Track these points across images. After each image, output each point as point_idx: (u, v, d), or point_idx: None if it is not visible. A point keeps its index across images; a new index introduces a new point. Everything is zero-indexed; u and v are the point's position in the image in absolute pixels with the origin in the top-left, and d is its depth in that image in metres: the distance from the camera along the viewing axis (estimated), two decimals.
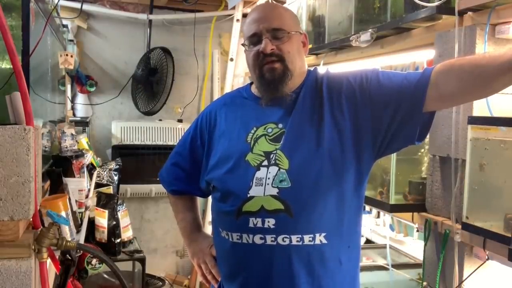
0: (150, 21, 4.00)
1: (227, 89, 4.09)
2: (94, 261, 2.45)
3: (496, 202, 1.48)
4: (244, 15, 4.02)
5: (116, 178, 3.15)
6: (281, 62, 1.31)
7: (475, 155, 1.53)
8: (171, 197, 1.63)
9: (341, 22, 2.42)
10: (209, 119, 1.46)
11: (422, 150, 1.94)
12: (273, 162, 1.28)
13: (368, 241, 2.99)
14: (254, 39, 1.34)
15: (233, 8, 3.96)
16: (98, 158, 3.50)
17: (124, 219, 2.85)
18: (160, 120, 4.10)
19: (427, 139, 1.74)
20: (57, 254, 1.30)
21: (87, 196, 2.24)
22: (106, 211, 2.71)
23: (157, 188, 3.86)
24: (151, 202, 4.16)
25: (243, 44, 1.40)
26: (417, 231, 2.50)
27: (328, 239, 1.26)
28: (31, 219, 1.02)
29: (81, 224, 1.93)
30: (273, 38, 1.32)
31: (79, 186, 2.14)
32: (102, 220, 2.71)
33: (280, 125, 1.33)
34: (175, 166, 1.55)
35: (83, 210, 2.10)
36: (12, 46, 0.92)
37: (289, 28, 1.33)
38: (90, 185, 2.49)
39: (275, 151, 1.29)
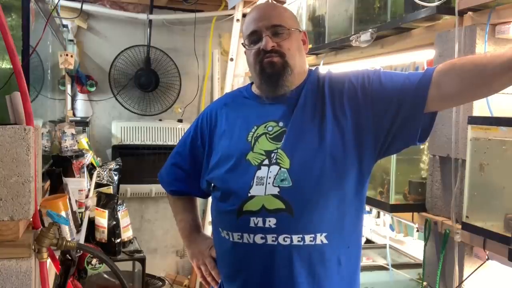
0: (150, 21, 4.01)
1: (227, 89, 4.09)
2: (94, 261, 2.45)
3: (496, 202, 1.48)
4: (244, 15, 4.02)
5: (116, 178, 3.15)
6: (281, 57, 1.31)
7: (475, 155, 1.53)
8: (170, 198, 1.63)
9: (341, 22, 2.42)
10: (210, 119, 1.46)
11: (423, 149, 1.94)
12: (274, 161, 1.28)
13: (368, 241, 2.99)
14: (254, 37, 1.34)
15: (233, 8, 3.96)
16: (98, 158, 3.50)
17: (124, 219, 2.85)
18: (160, 120, 4.11)
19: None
20: (57, 254, 1.30)
21: (87, 196, 2.24)
22: (106, 211, 2.71)
23: (157, 188, 3.86)
24: (151, 202, 4.16)
25: (243, 44, 1.40)
26: (417, 231, 2.50)
27: (328, 239, 1.26)
28: (31, 219, 1.02)
29: (81, 224, 1.93)
30: (273, 35, 1.32)
31: (79, 186, 2.14)
32: (102, 220, 2.71)
33: (281, 124, 1.33)
34: (175, 166, 1.55)
35: (83, 210, 2.09)
36: (12, 46, 0.92)
37: (289, 25, 1.34)
38: (90, 185, 2.49)
39: (276, 150, 1.29)
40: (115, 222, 2.74)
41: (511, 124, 1.41)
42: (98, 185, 2.95)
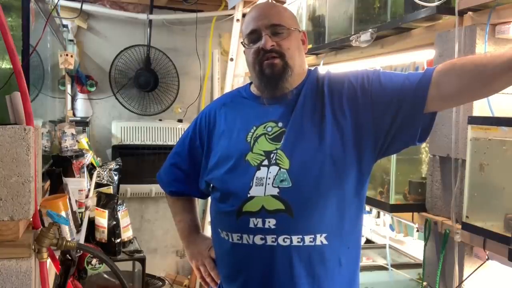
0: (150, 21, 4.01)
1: (227, 89, 4.09)
2: (94, 261, 2.45)
3: (496, 202, 1.48)
4: (244, 15, 4.02)
5: (116, 178, 3.15)
6: (281, 58, 1.31)
7: (475, 155, 1.53)
8: (169, 199, 1.62)
9: (341, 22, 2.42)
10: (208, 119, 1.46)
11: (424, 149, 1.94)
12: (274, 161, 1.28)
13: (368, 241, 2.99)
14: (253, 36, 1.34)
15: (233, 8, 3.96)
16: (98, 158, 3.50)
17: (124, 219, 2.85)
18: (160, 120, 4.11)
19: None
20: (57, 254, 1.30)
21: (87, 196, 2.24)
22: (106, 211, 2.71)
23: (157, 188, 3.86)
24: (151, 202, 4.17)
25: (242, 43, 1.40)
26: (417, 231, 2.51)
27: (328, 240, 1.26)
28: (31, 219, 1.02)
29: (81, 224, 1.93)
30: (273, 34, 1.31)
31: (79, 186, 2.14)
32: (102, 220, 2.71)
33: (280, 124, 1.32)
34: (174, 167, 1.55)
35: (83, 210, 2.09)
36: (12, 46, 0.92)
37: (288, 25, 1.34)
38: (90, 185, 2.48)
39: (275, 151, 1.29)
40: (115, 222, 2.74)
41: (511, 124, 1.41)
42: (98, 185, 2.95)
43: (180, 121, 4.11)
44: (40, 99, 2.07)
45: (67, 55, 2.82)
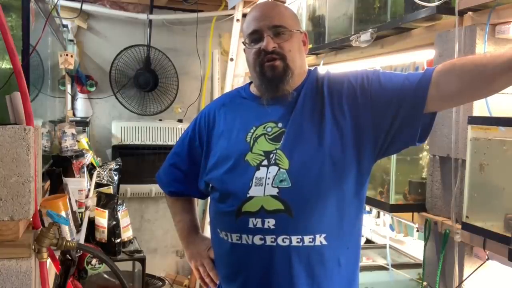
0: (150, 21, 4.01)
1: (227, 89, 4.09)
2: (94, 261, 2.45)
3: (496, 202, 1.48)
4: (244, 15, 4.02)
5: (116, 178, 3.15)
6: (282, 60, 1.31)
7: (475, 155, 1.53)
8: (168, 199, 1.63)
9: (341, 22, 2.42)
10: (208, 119, 1.46)
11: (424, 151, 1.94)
12: (273, 162, 1.28)
13: (368, 241, 2.99)
14: (254, 36, 1.33)
15: (233, 8, 3.96)
16: (98, 158, 3.50)
17: (124, 219, 2.85)
18: (160, 120, 4.11)
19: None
20: (57, 254, 1.30)
21: (87, 196, 2.24)
22: (106, 211, 2.71)
23: (157, 188, 3.85)
24: (151, 202, 4.17)
25: (243, 43, 1.40)
26: (417, 231, 2.51)
27: (328, 240, 1.26)
28: (31, 219, 1.02)
29: (81, 224, 1.93)
30: (274, 35, 1.31)
31: (79, 186, 2.14)
32: (102, 220, 2.71)
33: (280, 124, 1.32)
34: (173, 167, 1.55)
35: (83, 210, 2.09)
36: (12, 46, 0.92)
37: (290, 26, 1.33)
38: (90, 185, 2.48)
39: (275, 151, 1.29)
40: (115, 222, 2.74)
41: (511, 124, 1.41)
42: (98, 185, 2.95)
43: (180, 121, 4.11)
44: (40, 99, 2.07)
45: (67, 55, 2.82)
